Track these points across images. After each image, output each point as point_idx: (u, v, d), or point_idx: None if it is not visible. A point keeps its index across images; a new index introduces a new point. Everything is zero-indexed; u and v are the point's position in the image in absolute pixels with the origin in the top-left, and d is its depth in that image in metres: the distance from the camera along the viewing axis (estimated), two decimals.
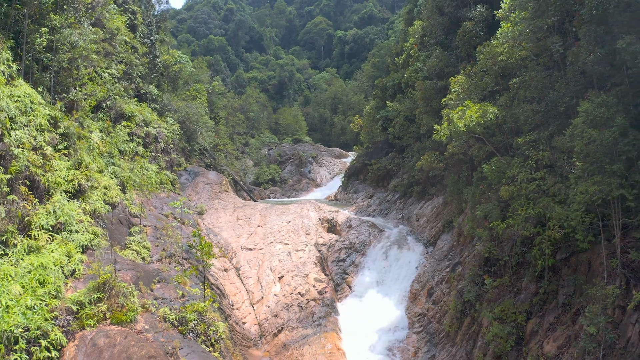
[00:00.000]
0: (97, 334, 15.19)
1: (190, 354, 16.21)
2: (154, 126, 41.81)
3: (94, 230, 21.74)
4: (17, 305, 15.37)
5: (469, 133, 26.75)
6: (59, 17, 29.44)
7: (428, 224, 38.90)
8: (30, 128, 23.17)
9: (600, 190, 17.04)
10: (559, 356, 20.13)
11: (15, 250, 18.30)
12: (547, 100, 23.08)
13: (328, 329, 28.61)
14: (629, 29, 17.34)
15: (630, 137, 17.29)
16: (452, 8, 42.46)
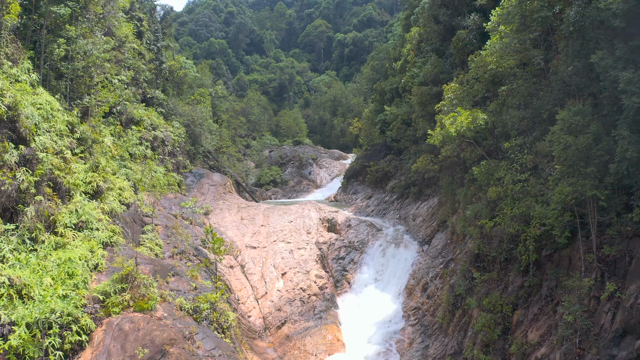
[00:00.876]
0: (123, 319, 16.97)
1: (205, 338, 17.98)
2: (161, 130, 43.58)
3: (112, 228, 23.51)
4: (49, 295, 17.14)
5: (460, 137, 28.54)
6: (74, 28, 31.21)
7: (424, 223, 40.66)
8: (52, 134, 24.94)
9: (575, 190, 18.83)
10: (541, 343, 21.91)
11: (43, 246, 20.08)
12: (532, 107, 24.88)
13: (328, 322, 30.38)
14: (601, 45, 19.14)
15: (603, 143, 19.07)
16: (446, 17, 44.28)
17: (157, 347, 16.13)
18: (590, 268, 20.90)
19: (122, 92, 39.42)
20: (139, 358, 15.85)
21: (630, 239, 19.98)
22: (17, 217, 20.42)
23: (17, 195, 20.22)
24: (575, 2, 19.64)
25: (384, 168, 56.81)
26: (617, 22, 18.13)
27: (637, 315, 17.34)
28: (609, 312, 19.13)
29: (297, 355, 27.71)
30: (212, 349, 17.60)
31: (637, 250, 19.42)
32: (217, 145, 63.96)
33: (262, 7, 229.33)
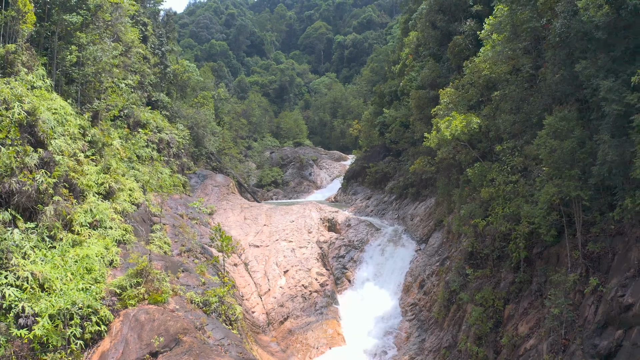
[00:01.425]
0: (139, 311, 18.27)
1: (215, 329, 19.28)
2: (166, 132, 44.88)
3: (125, 227, 24.82)
4: (70, 289, 18.44)
5: (455, 140, 29.84)
6: (85, 35, 32.52)
7: (421, 223, 41.96)
8: (66, 137, 26.25)
9: (560, 191, 20.14)
10: (530, 335, 23.21)
11: (61, 243, 21.38)
12: (522, 112, 26.19)
13: (329, 317, 31.68)
14: (585, 55, 20.44)
15: (586, 147, 20.38)
16: (444, 22, 45.60)
17: (172, 336, 17.44)
18: (576, 264, 22.19)
19: (129, 96, 40.72)
20: (155, 346, 17.16)
21: (614, 237, 21.26)
22: (36, 216, 21.70)
23: (36, 196, 21.50)
24: (561, 15, 20.92)
25: (383, 169, 58.09)
26: (599, 34, 19.41)
27: (617, 307, 18.60)
28: (592, 305, 20.42)
29: (299, 349, 29.01)
30: (222, 338, 18.90)
31: (619, 247, 20.71)
32: (219, 147, 65.28)
33: (262, 8, 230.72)
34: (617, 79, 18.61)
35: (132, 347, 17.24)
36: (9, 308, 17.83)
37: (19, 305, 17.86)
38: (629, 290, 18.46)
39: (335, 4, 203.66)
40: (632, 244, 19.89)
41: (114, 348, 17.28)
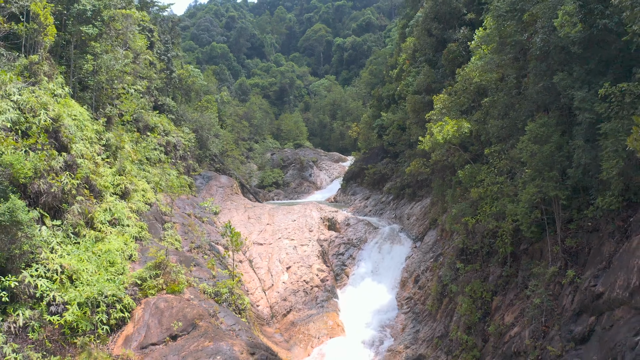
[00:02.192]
0: (158, 299, 20.25)
1: (226, 316, 21.24)
2: (172, 135, 46.86)
3: (140, 225, 26.81)
4: (96, 280, 20.43)
5: (447, 144, 31.85)
6: (99, 45, 34.52)
7: (417, 222, 43.97)
8: (85, 141, 28.23)
9: (540, 191, 22.15)
10: (514, 324, 25.18)
11: (84, 239, 23.37)
12: (509, 118, 28.18)
13: (329, 310, 33.66)
14: (562, 67, 22.45)
15: (564, 151, 22.37)
16: (439, 30, 47.68)
17: (189, 321, 19.40)
18: (556, 258, 24.17)
19: (139, 101, 42.70)
20: (174, 329, 19.14)
21: (590, 233, 23.25)
22: (60, 214, 23.70)
23: (61, 196, 23.49)
24: (541, 30, 22.92)
25: (381, 170, 60.06)
26: (574, 49, 21.42)
27: (590, 296, 20.60)
28: (569, 295, 22.41)
29: (302, 339, 30.97)
30: (233, 324, 20.85)
31: (594, 242, 22.71)
32: (222, 149, 67.24)
33: (262, 11, 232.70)
34: (590, 89, 20.59)
35: (153, 331, 19.21)
36: (41, 297, 19.82)
37: (50, 294, 19.85)
38: (600, 280, 20.44)
39: (334, 6, 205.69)
40: (605, 239, 21.89)
41: (137, 332, 19.26)
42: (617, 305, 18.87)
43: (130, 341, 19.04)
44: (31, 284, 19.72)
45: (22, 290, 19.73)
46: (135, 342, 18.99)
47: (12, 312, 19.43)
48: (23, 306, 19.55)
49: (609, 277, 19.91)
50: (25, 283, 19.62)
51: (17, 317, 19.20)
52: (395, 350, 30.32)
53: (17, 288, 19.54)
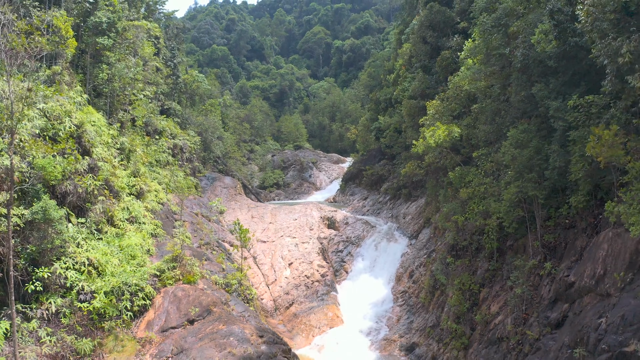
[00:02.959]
0: (176, 289, 22.53)
1: (237, 304, 23.52)
2: (179, 138, 49.13)
3: (155, 223, 29.09)
4: (120, 271, 22.71)
5: (439, 147, 34.16)
6: (113, 54, 36.80)
7: (412, 220, 46.28)
8: (103, 145, 30.50)
9: (520, 191, 24.47)
10: (499, 313, 27.49)
11: (106, 235, 25.64)
12: (495, 123, 30.50)
13: (329, 303, 35.96)
14: (541, 79, 24.78)
15: (542, 155, 24.68)
16: (433, 38, 49.99)
17: (204, 307, 21.67)
18: (536, 252, 26.50)
19: (148, 106, 44.97)
20: (191, 315, 21.41)
21: (568, 229, 25.60)
22: (84, 213, 25.98)
23: (85, 196, 25.77)
24: (521, 45, 25.25)
25: (379, 172, 62.35)
26: (551, 62, 23.76)
27: (564, 285, 22.92)
28: (547, 285, 24.75)
29: (303, 329, 33.26)
30: (243, 311, 23.11)
31: (570, 237, 25.04)
32: (224, 150, 69.52)
33: (262, 13, 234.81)
34: (564, 100, 22.89)
35: (172, 316, 21.48)
36: (71, 287, 22.09)
37: (78, 284, 22.14)
38: (572, 271, 22.77)
39: (333, 9, 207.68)
40: (579, 234, 24.24)
41: (158, 317, 21.54)
42: (585, 293, 21.22)
43: (152, 325, 21.31)
44: (62, 275, 21.97)
45: (54, 281, 22.00)
46: (157, 326, 21.26)
47: (44, 301, 21.71)
48: (54, 295, 21.83)
49: (579, 268, 22.25)
50: (56, 274, 21.88)
51: (49, 304, 21.48)
52: (391, 339, 32.61)
53: (49, 279, 21.81)
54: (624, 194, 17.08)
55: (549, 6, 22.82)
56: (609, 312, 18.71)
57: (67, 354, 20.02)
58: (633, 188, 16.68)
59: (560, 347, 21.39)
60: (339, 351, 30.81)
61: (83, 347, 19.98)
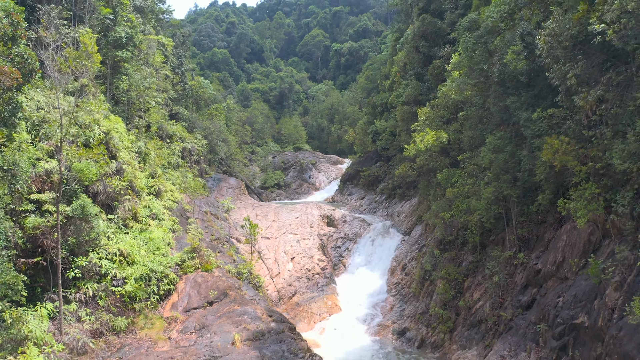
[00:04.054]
0: (196, 275, 25.90)
1: (248, 289, 26.93)
2: (188, 142, 52.50)
3: (173, 219, 32.45)
4: (147, 261, 26.09)
5: (429, 151, 37.59)
6: (131, 66, 40.17)
7: (406, 218, 49.71)
8: (125, 150, 33.86)
9: (496, 190, 27.90)
10: (479, 299, 30.90)
11: (132, 230, 29.00)
12: (478, 130, 33.92)
13: (329, 293, 39.36)
14: (514, 92, 28.21)
15: (515, 159, 28.12)
16: (425, 48, 53.47)
17: (221, 291, 25.03)
18: (512, 245, 29.96)
19: (159, 112, 48.34)
20: (210, 297, 24.79)
21: (539, 224, 29.06)
22: (112, 210, 29.34)
23: (113, 195, 29.15)
24: (497, 62, 28.68)
25: (375, 173, 65.76)
26: (522, 78, 27.18)
27: (533, 272, 26.37)
28: (520, 273, 28.20)
29: (305, 316, 36.63)
30: (253, 295, 26.48)
31: (540, 231, 28.50)
32: (228, 152, 72.90)
33: (261, 15, 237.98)
34: (534, 111, 26.30)
35: (193, 299, 24.87)
36: (105, 274, 25.46)
37: (111, 272, 25.51)
38: (540, 260, 26.24)
39: (332, 12, 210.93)
40: (547, 228, 27.72)
41: (181, 300, 24.91)
42: (549, 278, 24.69)
43: (176, 306, 24.67)
44: (97, 263, 25.33)
45: (90, 269, 25.37)
46: (180, 307, 24.61)
47: (82, 286, 25.09)
48: (91, 281, 25.20)
49: (545, 257, 25.73)
50: (92, 263, 25.26)
51: (87, 289, 24.85)
52: (384, 325, 36.02)
53: (87, 267, 25.19)
54: (574, 193, 20.51)
55: (520, 30, 26.26)
56: (566, 292, 22.16)
57: (105, 330, 23.39)
58: (580, 187, 20.11)
59: (528, 325, 24.87)
60: (338, 335, 34.19)
61: (119, 324, 23.35)
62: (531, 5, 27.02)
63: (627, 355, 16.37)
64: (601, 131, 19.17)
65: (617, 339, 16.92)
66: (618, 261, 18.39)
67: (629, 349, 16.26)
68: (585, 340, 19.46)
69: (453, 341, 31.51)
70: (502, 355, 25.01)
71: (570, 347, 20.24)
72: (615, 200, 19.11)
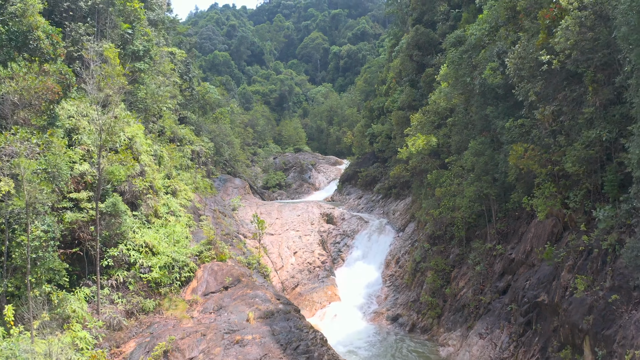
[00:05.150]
0: (212, 264, 29.53)
1: (258, 277, 30.56)
2: (196, 145, 56.07)
3: (188, 216, 36.07)
4: (170, 252, 29.72)
5: (420, 154, 41.26)
6: (147, 76, 43.74)
7: (400, 216, 53.38)
8: (145, 153, 37.43)
9: (477, 189, 31.57)
10: (464, 287, 34.56)
11: (154, 225, 32.61)
12: (463, 135, 37.60)
13: (329, 284, 43.00)
14: (492, 102, 31.88)
15: (494, 162, 31.79)
16: (419, 57, 57.16)
17: (235, 278, 28.67)
18: (492, 238, 33.63)
19: (170, 117, 51.89)
20: (226, 282, 28.40)
21: (516, 220, 32.74)
22: (136, 207, 32.92)
23: (137, 194, 32.73)
24: (478, 76, 32.34)
25: (372, 173, 69.40)
26: (499, 91, 30.85)
27: (508, 261, 30.05)
28: (498, 263, 31.88)
29: (307, 304, 40.24)
30: (262, 282, 30.10)
31: (516, 226, 32.19)
32: (232, 154, 76.51)
33: (261, 17, 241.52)
34: (508, 120, 29.95)
35: (211, 284, 28.49)
36: (134, 263, 29.04)
37: (139, 261, 29.10)
38: (514, 250, 29.92)
39: (330, 14, 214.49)
40: (521, 223, 31.42)
41: (200, 285, 28.55)
42: (520, 265, 28.38)
43: (196, 291, 28.29)
44: (126, 254, 28.94)
45: (120, 259, 28.96)
46: (200, 291, 28.23)
47: (113, 273, 28.66)
48: (121, 269, 28.79)
49: (518, 248, 29.43)
50: (122, 253, 28.87)
51: (117, 276, 28.44)
52: (379, 312, 39.68)
53: (117, 257, 28.78)
54: (537, 191, 24.18)
55: (496, 49, 29.94)
56: (532, 276, 25.85)
57: (136, 311, 27.00)
58: (542, 187, 23.77)
59: (502, 306, 28.55)
60: (337, 321, 37.81)
61: (148, 305, 26.96)
62: (507, 26, 30.68)
63: (574, 325, 20.02)
64: (559, 139, 22.82)
65: (567, 311, 20.58)
66: (571, 248, 22.07)
67: (576, 319, 19.91)
68: (545, 315, 23.13)
69: (440, 325, 35.16)
70: (480, 333, 28.70)
71: (533, 322, 23.92)
72: (569, 198, 22.79)
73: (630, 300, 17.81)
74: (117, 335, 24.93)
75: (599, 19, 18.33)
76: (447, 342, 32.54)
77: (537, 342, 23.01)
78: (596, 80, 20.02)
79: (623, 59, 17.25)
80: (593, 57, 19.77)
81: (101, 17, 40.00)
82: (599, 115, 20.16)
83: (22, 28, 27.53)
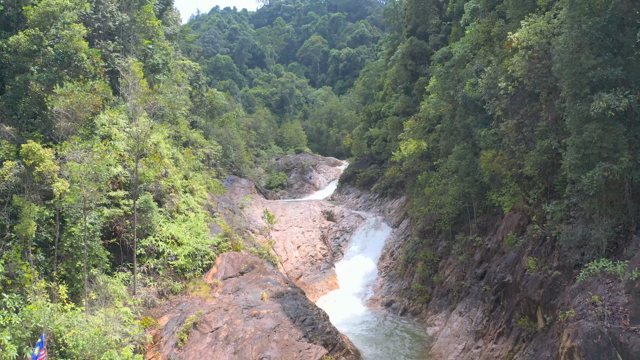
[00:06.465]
0: (229, 253, 34.18)
1: (268, 265, 35.22)
2: (206, 148, 60.69)
3: (205, 212, 40.71)
4: (193, 242, 34.37)
5: (411, 157, 45.94)
6: (165, 86, 48.32)
7: (395, 214, 58.05)
8: (166, 157, 42.03)
9: (459, 189, 36.23)
10: (449, 275, 39.22)
11: (177, 220, 37.25)
12: (449, 140, 42.25)
13: (329, 274, 47.67)
14: (473, 112, 36.54)
15: (473, 165, 36.44)
16: (412, 66, 61.86)
17: (249, 265, 33.33)
18: (474, 231, 38.29)
19: (184, 122, 56.48)
20: (241, 269, 33.07)
21: (495, 215, 37.41)
22: (161, 204, 37.53)
23: (162, 192, 37.34)
24: (460, 89, 36.98)
25: (370, 174, 74.04)
26: (478, 103, 35.50)
27: (485, 251, 34.72)
28: (477, 253, 36.52)
29: (310, 292, 44.84)
30: (272, 269, 34.77)
31: (494, 220, 36.84)
32: (237, 156, 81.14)
33: (261, 20, 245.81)
34: (484, 128, 34.59)
35: (228, 270, 33.14)
36: (162, 252, 33.66)
37: (166, 250, 33.73)
38: (490, 241, 34.58)
39: (330, 18, 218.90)
40: (498, 218, 36.08)
41: (219, 271, 33.19)
42: (494, 253, 33.04)
43: (216, 276, 32.93)
44: (155, 244, 33.57)
45: (150, 248, 33.59)
46: (219, 276, 32.87)
47: (145, 261, 33.29)
48: (151, 257, 33.43)
49: (493, 238, 34.09)
50: (152, 243, 33.50)
51: (148, 263, 33.07)
52: (375, 299, 44.35)
53: (148, 247, 33.41)
54: (503, 190, 28.85)
55: (474, 67, 34.61)
56: (502, 262, 30.48)
57: (166, 292, 31.64)
58: (507, 186, 28.44)
59: (479, 289, 33.19)
60: (337, 306, 42.44)
61: (176, 287, 31.61)
62: (485, 47, 35.33)
63: (529, 298, 24.67)
64: (521, 147, 27.50)
65: (524, 287, 25.23)
66: (530, 237, 26.73)
67: (530, 293, 24.57)
68: (510, 293, 27.78)
69: (429, 308, 39.82)
70: (460, 312, 33.37)
71: (501, 299, 28.57)
72: (529, 196, 27.46)
73: (571, 276, 22.46)
74: (153, 311, 29.58)
75: (545, 54, 22.96)
76: (433, 322, 37.20)
77: (503, 315, 27.67)
78: (548, 99, 24.67)
79: (562, 86, 21.88)
80: (546, 81, 24.43)
81: (125, 34, 44.62)
82: (550, 128, 24.81)
83: (68, 50, 32.11)
